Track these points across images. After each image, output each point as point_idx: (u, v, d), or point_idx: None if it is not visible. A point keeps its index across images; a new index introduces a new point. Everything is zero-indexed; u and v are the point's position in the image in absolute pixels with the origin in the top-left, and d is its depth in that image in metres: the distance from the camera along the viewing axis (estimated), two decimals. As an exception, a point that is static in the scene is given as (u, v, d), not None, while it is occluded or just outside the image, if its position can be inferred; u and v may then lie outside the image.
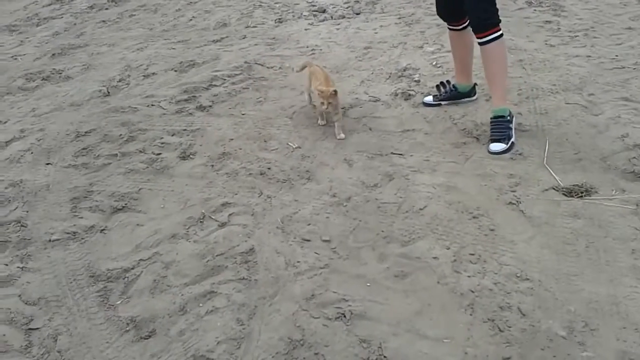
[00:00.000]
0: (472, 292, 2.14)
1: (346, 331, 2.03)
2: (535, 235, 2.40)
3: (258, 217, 2.70)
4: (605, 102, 3.33)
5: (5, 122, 3.96)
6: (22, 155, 3.48)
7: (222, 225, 2.67)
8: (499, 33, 2.96)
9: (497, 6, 2.94)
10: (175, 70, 4.47)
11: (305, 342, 2.01)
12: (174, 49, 4.95)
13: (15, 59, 5.20)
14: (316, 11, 5.52)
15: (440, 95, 3.52)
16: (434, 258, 2.32)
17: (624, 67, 3.71)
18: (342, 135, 3.28)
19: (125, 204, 2.90)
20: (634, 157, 2.80)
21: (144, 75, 4.45)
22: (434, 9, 3.39)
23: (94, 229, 2.75)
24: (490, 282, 2.17)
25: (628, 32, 4.27)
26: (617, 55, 3.89)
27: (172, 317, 2.18)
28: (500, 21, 2.96)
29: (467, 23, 3.19)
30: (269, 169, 3.06)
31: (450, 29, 3.32)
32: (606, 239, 2.34)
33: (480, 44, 3.00)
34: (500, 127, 3.05)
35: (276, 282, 2.29)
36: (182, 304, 2.23)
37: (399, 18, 5.08)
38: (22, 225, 2.82)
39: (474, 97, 3.53)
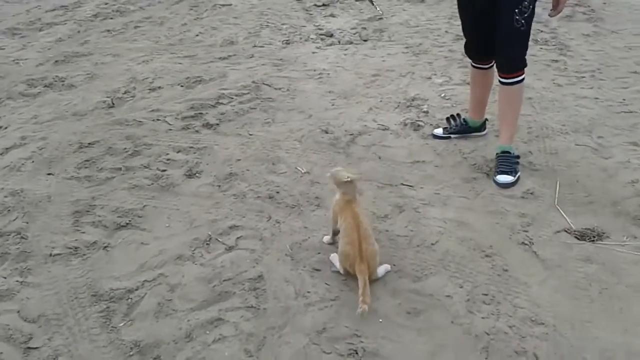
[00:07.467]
0: (487, 334, 2.10)
1: (358, 369, 1.98)
2: (548, 278, 2.37)
3: (266, 242, 2.64)
4: (614, 145, 3.34)
5: (6, 128, 3.87)
6: (22, 164, 3.40)
7: (230, 248, 2.61)
8: (523, 76, 2.96)
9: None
10: (182, 86, 4.42)
11: (316, 377, 1.95)
12: (180, 63, 4.90)
13: (17, 63, 5.11)
14: (323, 35, 5.52)
15: (450, 128, 3.51)
16: (447, 296, 2.28)
17: (631, 112, 3.73)
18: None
19: (129, 221, 2.83)
20: (645, 204, 2.80)
21: (149, 89, 4.39)
22: (442, 40, 3.37)
23: (97, 245, 2.67)
24: (504, 325, 2.13)
25: (634, 76, 4.31)
26: (624, 99, 3.92)
27: (177, 344, 2.11)
28: (527, 65, 2.95)
29: (493, 63, 3.16)
30: (277, 192, 3.01)
31: (475, 67, 3.27)
32: (619, 286, 2.33)
33: (503, 83, 2.98)
34: (508, 161, 3.05)
35: (286, 312, 2.23)
36: (188, 330, 2.16)
37: (407, 47, 5.09)
38: (22, 237, 2.74)
39: (484, 132, 3.53)
